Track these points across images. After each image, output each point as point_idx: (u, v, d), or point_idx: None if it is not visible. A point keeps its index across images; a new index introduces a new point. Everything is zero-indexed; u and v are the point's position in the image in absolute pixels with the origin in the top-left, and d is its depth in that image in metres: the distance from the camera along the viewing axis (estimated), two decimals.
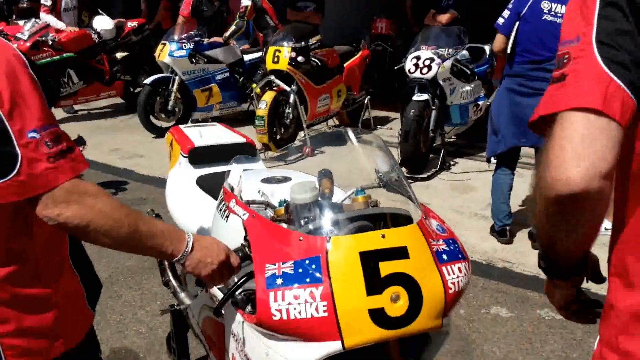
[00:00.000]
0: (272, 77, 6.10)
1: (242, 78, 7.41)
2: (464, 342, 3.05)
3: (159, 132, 6.84)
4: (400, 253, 1.40)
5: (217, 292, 1.81)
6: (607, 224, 3.47)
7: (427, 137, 5.51)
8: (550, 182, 0.96)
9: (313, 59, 6.17)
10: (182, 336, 2.51)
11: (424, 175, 5.49)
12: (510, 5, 3.80)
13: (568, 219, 1.00)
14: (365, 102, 6.98)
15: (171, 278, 1.78)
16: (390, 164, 1.77)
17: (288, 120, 6.08)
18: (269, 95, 5.98)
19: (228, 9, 7.61)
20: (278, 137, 6.07)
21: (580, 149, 0.93)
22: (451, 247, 1.51)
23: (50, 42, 7.15)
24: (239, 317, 1.56)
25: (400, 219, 1.53)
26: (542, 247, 1.19)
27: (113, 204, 1.28)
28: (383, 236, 1.41)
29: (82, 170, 1.25)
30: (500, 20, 3.80)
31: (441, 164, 5.66)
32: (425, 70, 5.35)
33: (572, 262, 1.19)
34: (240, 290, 1.52)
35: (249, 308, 1.52)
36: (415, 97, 5.37)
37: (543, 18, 3.70)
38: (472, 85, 5.82)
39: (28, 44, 6.98)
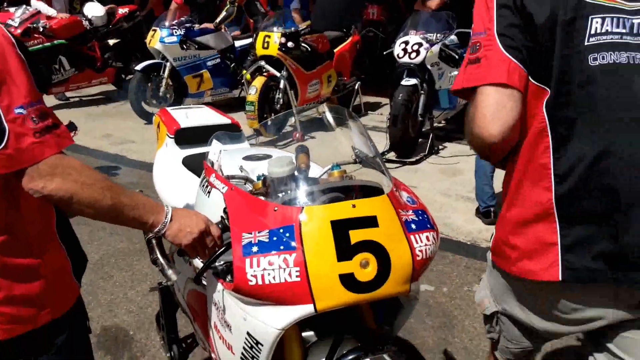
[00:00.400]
0: (262, 63, 6.15)
1: (233, 64, 7.45)
2: (446, 318, 3.14)
3: (151, 118, 6.86)
4: (370, 222, 1.47)
5: (199, 265, 1.88)
6: None
7: (416, 122, 5.58)
8: (479, 135, 1.44)
9: (303, 44, 6.22)
10: (170, 313, 2.59)
11: (413, 159, 5.56)
12: None
13: (488, 155, 1.53)
14: (356, 87, 7.04)
15: (159, 256, 1.84)
16: (366, 141, 1.84)
17: (278, 106, 6.13)
18: (259, 81, 6.04)
19: None
20: (269, 122, 6.11)
21: (496, 112, 1.40)
22: (420, 217, 1.59)
23: (41, 29, 7.18)
24: (219, 286, 1.63)
25: (372, 191, 1.60)
26: None
27: (96, 177, 1.34)
28: (354, 206, 1.48)
29: (66, 145, 1.31)
30: None
31: (430, 148, 5.73)
32: (413, 55, 5.40)
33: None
34: (222, 262, 1.59)
35: (229, 278, 1.59)
36: (404, 82, 5.43)
37: None
38: None
39: (19, 31, 7.00)
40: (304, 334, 1.71)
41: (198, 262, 1.89)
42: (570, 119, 1.38)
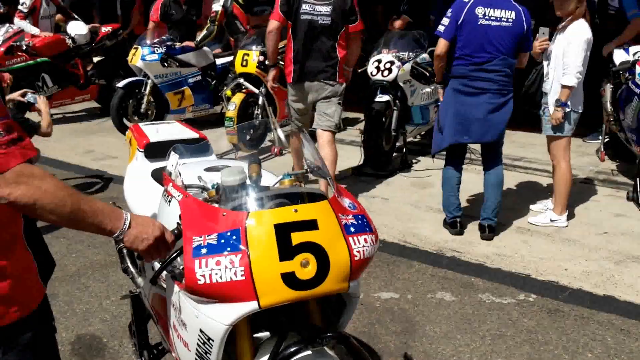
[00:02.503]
0: (241, 80, 6.30)
1: (214, 81, 7.60)
2: (408, 324, 3.27)
3: None
4: (311, 225, 1.61)
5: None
6: (552, 215, 3.74)
7: (390, 137, 5.75)
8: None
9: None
10: (141, 320, 2.70)
11: (386, 172, 5.72)
12: (448, 14, 4.05)
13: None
14: None
15: (129, 264, 1.96)
16: (314, 153, 1.98)
17: (257, 122, 6.27)
18: (238, 97, 6.19)
19: (198, 12, 7.80)
20: (248, 137, 6.24)
21: None
22: (359, 222, 1.73)
23: (24, 47, 7.29)
24: (176, 288, 1.76)
25: (316, 197, 1.74)
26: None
27: (58, 185, 1.46)
28: (296, 210, 1.62)
29: (30, 157, 1.43)
30: (441, 28, 4.05)
31: (403, 162, 5.89)
32: (386, 72, 5.60)
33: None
34: (180, 266, 1.71)
35: (184, 280, 1.72)
36: (377, 99, 5.61)
37: (479, 23, 3.96)
38: (433, 87, 6.06)
39: (2, 49, 7.12)
40: (260, 334, 1.83)
41: (156, 264, 2.02)
42: None
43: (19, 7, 7.85)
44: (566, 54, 4.10)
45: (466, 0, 4.02)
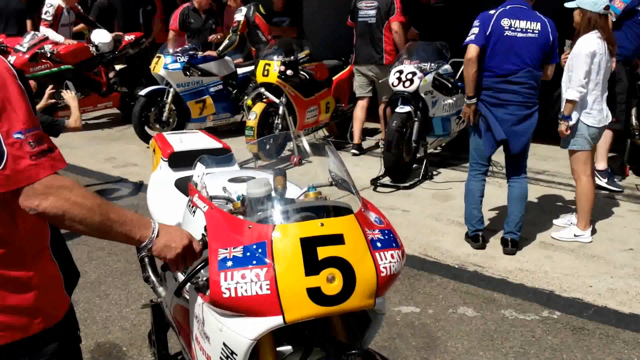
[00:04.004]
0: (262, 90, 6.32)
1: (235, 90, 7.63)
2: (429, 339, 3.22)
3: None
4: (337, 239, 1.59)
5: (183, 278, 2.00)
6: (576, 230, 3.70)
7: (410, 148, 5.72)
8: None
9: (302, 72, 6.39)
10: (161, 330, 2.69)
11: (407, 184, 5.68)
12: (476, 24, 4.00)
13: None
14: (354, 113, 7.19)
15: (151, 274, 1.95)
16: (341, 167, 1.97)
17: (277, 131, 6.28)
18: (258, 107, 6.21)
19: (216, 20, 7.86)
20: (268, 147, 6.24)
21: None
22: (386, 237, 1.70)
23: (48, 54, 7.39)
24: (200, 300, 1.75)
25: (342, 211, 1.72)
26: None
27: (86, 196, 1.46)
28: (322, 224, 1.60)
29: (60, 168, 1.43)
30: (472, 36, 4.00)
31: (424, 174, 5.85)
32: (407, 83, 5.57)
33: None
34: (204, 277, 1.70)
35: (208, 292, 1.70)
36: (398, 109, 5.59)
37: (505, 34, 3.92)
38: (454, 99, 6.03)
39: (27, 56, 7.22)
40: (282, 348, 1.81)
41: (182, 277, 2.01)
42: None
43: (43, 15, 7.98)
44: (571, 67, 4.12)
45: (492, 12, 3.99)
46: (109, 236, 1.52)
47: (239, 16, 7.33)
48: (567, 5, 4.22)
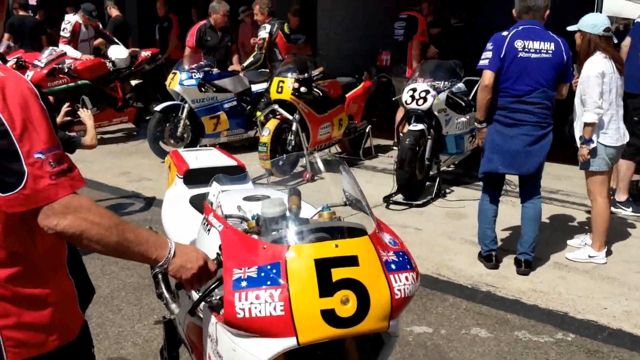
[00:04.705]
0: (276, 106, 6.36)
1: (249, 107, 7.69)
2: None
3: None
4: (351, 261, 1.59)
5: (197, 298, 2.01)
6: (590, 251, 3.68)
7: (423, 166, 5.71)
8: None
9: (315, 89, 6.43)
10: (173, 347, 2.70)
11: (420, 202, 5.66)
12: (489, 47, 4.01)
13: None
14: (367, 130, 7.23)
15: (164, 290, 1.96)
16: (355, 187, 1.97)
17: (290, 147, 6.32)
18: (272, 123, 6.25)
19: (232, 38, 7.94)
20: (280, 163, 6.28)
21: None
22: (400, 258, 1.70)
23: (66, 70, 7.50)
24: (214, 319, 1.75)
25: (356, 232, 1.72)
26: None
27: (104, 215, 1.47)
28: (336, 246, 1.60)
29: (79, 188, 1.45)
30: (485, 61, 4.00)
31: (436, 192, 5.84)
32: (421, 101, 5.58)
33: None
34: (217, 296, 1.71)
35: (222, 311, 1.71)
36: (411, 127, 5.60)
37: (519, 56, 3.93)
38: (468, 117, 6.03)
39: (45, 71, 7.33)
40: None
41: (196, 296, 2.02)
42: None
43: (61, 32, 8.14)
44: (584, 90, 4.13)
45: (505, 34, 3.99)
46: (126, 256, 1.54)
47: (264, 33, 7.40)
48: (569, 28, 4.24)
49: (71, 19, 8.18)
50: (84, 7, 8.33)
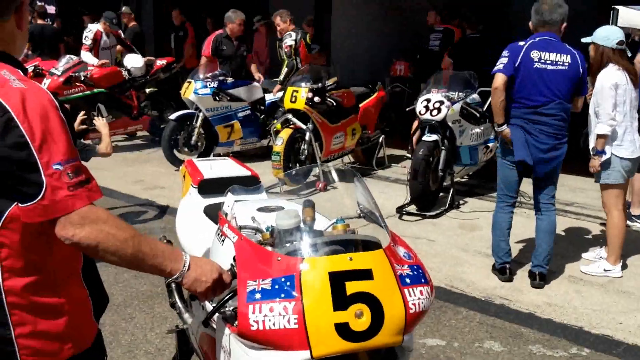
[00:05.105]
0: (289, 116, 6.38)
1: (262, 115, 7.72)
2: None
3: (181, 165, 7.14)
4: (366, 274, 1.58)
5: (210, 309, 2.01)
6: (606, 265, 3.64)
7: (437, 176, 5.69)
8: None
9: (329, 99, 6.44)
10: (185, 356, 2.70)
11: (433, 213, 5.64)
12: (505, 54, 4.00)
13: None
14: (380, 140, 7.23)
15: (177, 299, 1.97)
16: (369, 199, 1.97)
17: (303, 157, 6.34)
18: (285, 132, 6.27)
19: (248, 48, 7.98)
20: (293, 172, 6.30)
21: None
22: (415, 272, 1.69)
23: (82, 78, 7.58)
24: (227, 330, 1.75)
25: (370, 245, 1.72)
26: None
27: (121, 227, 1.48)
28: (351, 259, 1.60)
29: (96, 199, 1.47)
30: (500, 66, 3.99)
31: (450, 203, 5.81)
32: (435, 112, 5.57)
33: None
34: (231, 307, 1.71)
35: (236, 322, 1.71)
36: (425, 138, 5.59)
37: (534, 66, 3.91)
38: (482, 128, 6.01)
39: (61, 79, 7.42)
40: None
41: (209, 306, 2.02)
42: None
43: (83, 40, 8.27)
44: (597, 102, 4.10)
45: (521, 44, 3.99)
46: (141, 268, 1.55)
47: (290, 41, 7.46)
48: (584, 40, 4.23)
49: (92, 28, 8.34)
50: (105, 15, 8.48)
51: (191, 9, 11.46)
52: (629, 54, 4.38)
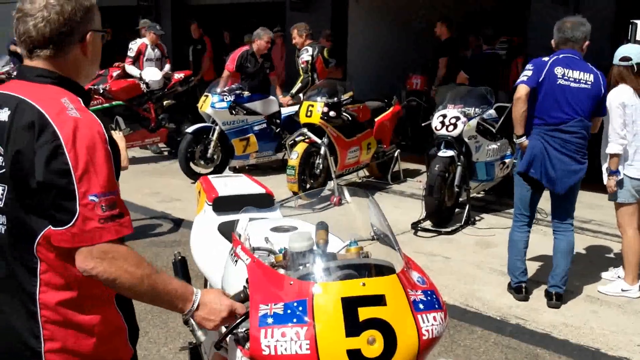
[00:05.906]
0: (305, 130, 6.40)
1: (278, 129, 7.75)
2: None
3: (198, 178, 7.17)
4: (379, 300, 1.58)
5: (223, 331, 2.00)
6: (623, 284, 3.59)
7: (453, 192, 5.66)
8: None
9: (344, 113, 6.45)
10: None
11: (449, 229, 5.60)
12: (530, 67, 3.98)
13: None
14: (395, 155, 7.21)
15: (190, 317, 1.98)
16: (382, 221, 1.96)
17: (318, 171, 6.34)
18: (300, 147, 6.28)
19: (271, 65, 8.02)
20: (308, 186, 6.31)
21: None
22: (428, 298, 1.68)
23: (101, 91, 7.68)
24: (239, 353, 1.75)
25: (383, 270, 1.71)
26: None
27: (138, 265, 1.51)
28: (363, 284, 1.59)
29: (124, 234, 1.50)
30: (524, 77, 3.96)
31: (466, 219, 5.77)
32: (451, 128, 5.55)
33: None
34: (244, 329, 1.71)
35: (247, 345, 1.70)
36: (441, 153, 5.56)
37: (558, 83, 3.88)
38: (499, 144, 5.97)
39: None
40: None
41: (223, 328, 2.02)
42: None
43: (128, 52, 8.41)
44: (608, 121, 4.07)
45: (545, 59, 3.97)
46: (153, 303, 1.60)
47: (307, 56, 7.46)
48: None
49: (137, 41, 8.54)
50: (150, 26, 8.67)
51: (209, 22, 11.57)
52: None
